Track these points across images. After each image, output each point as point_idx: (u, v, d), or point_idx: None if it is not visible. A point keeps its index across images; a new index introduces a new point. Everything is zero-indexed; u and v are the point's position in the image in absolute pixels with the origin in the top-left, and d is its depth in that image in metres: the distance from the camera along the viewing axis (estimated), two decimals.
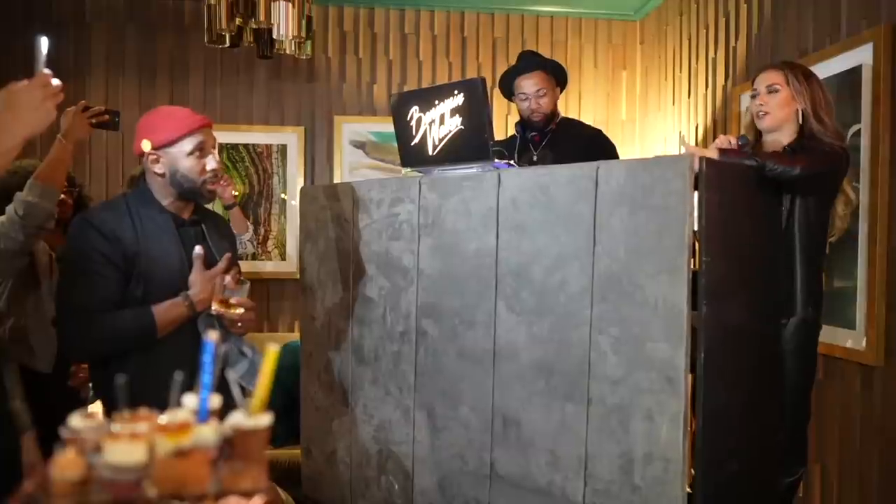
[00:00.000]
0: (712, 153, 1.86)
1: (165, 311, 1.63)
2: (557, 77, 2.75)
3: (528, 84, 2.67)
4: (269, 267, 3.82)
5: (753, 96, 2.05)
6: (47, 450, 1.80)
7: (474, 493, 1.95)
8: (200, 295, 1.65)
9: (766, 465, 1.96)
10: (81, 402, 2.41)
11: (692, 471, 1.69)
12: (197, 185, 1.68)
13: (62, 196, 2.23)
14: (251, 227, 3.47)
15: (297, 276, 3.62)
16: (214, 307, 1.63)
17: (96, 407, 2.60)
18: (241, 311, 1.65)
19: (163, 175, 1.67)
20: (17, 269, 2.15)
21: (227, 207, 3.06)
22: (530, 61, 2.74)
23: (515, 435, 1.85)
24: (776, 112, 1.99)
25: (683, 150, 2.04)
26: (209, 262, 1.72)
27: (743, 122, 2.25)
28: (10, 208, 1.97)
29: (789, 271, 1.94)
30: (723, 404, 1.71)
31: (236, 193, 3.28)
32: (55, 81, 1.28)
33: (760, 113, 2.01)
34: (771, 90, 2.00)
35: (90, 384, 2.40)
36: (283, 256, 3.86)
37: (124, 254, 1.61)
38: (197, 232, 1.76)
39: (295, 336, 3.69)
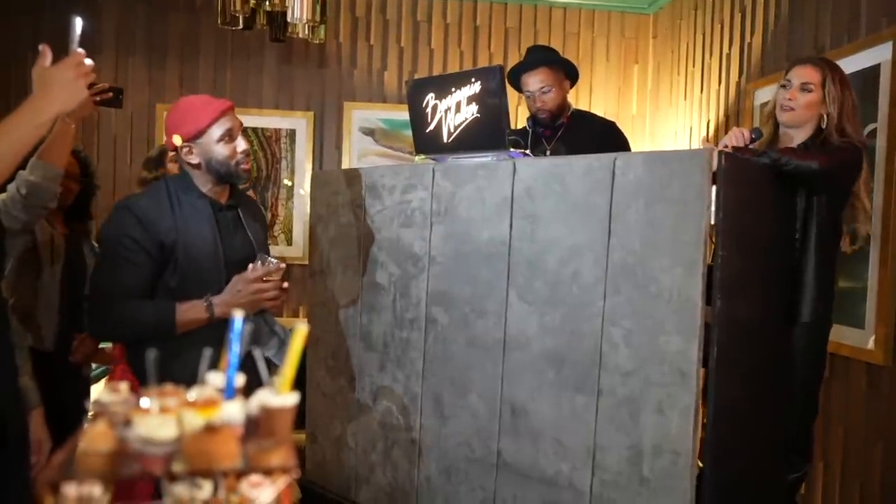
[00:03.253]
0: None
1: (186, 310, 1.65)
2: (566, 70, 2.71)
3: (533, 81, 2.63)
4: (275, 252, 3.81)
5: (784, 86, 2.00)
6: (50, 426, 1.80)
7: (480, 481, 1.95)
8: (228, 297, 1.66)
9: (772, 460, 1.97)
10: (83, 379, 2.41)
11: (700, 464, 1.70)
12: (231, 168, 1.72)
13: (72, 184, 2.22)
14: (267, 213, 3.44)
15: (304, 262, 3.62)
16: None
17: (100, 385, 2.61)
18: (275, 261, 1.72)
19: (198, 165, 1.72)
20: (18, 248, 2.15)
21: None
22: (534, 57, 2.70)
23: (524, 424, 1.85)
24: (802, 111, 1.95)
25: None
26: (247, 245, 1.78)
27: (765, 109, 2.20)
28: (12, 186, 1.96)
29: (803, 270, 1.93)
30: (733, 399, 1.71)
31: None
32: (88, 61, 1.31)
33: (786, 106, 1.97)
34: (804, 88, 1.95)
35: (91, 361, 2.41)
36: (289, 241, 3.86)
37: (160, 241, 1.64)
38: (234, 216, 1.80)
39: (299, 321, 3.70)
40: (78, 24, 1.31)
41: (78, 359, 2.29)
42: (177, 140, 1.70)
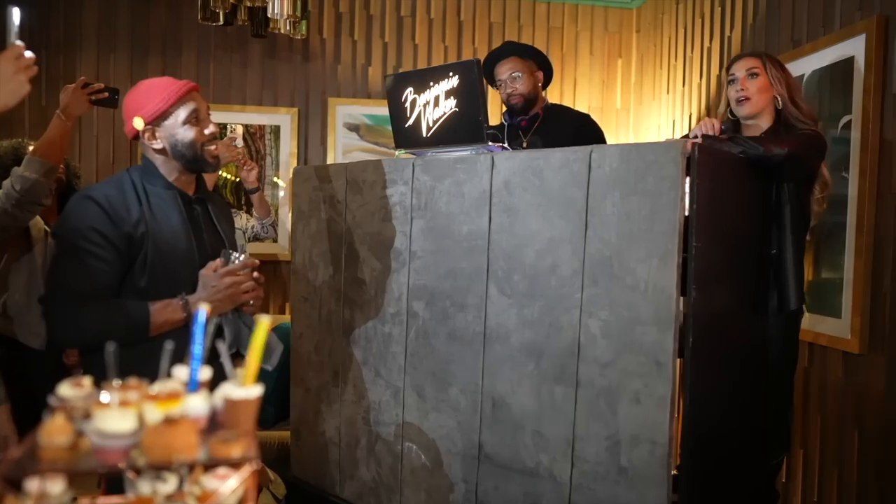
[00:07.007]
0: None
1: (161, 310, 1.52)
2: (537, 61, 2.74)
3: (504, 70, 2.71)
4: (264, 248, 3.80)
5: (731, 82, 2.06)
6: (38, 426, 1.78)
7: (463, 473, 1.96)
8: (205, 295, 1.56)
9: (751, 448, 1.99)
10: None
11: (679, 452, 1.71)
12: (198, 153, 1.60)
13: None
14: (273, 212, 3.40)
15: (289, 258, 3.61)
16: None
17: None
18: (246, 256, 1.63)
19: (163, 150, 1.60)
20: (8, 244, 2.14)
21: (252, 192, 3.04)
22: (505, 47, 2.77)
23: (504, 417, 1.86)
24: (756, 97, 2.02)
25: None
26: (218, 242, 1.68)
27: (719, 112, 2.26)
28: (6, 183, 1.96)
29: (784, 261, 1.96)
30: (710, 388, 1.73)
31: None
32: (28, 54, 1.25)
33: (741, 98, 2.03)
34: (751, 73, 2.02)
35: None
36: (274, 238, 3.84)
37: (128, 235, 1.51)
38: (203, 210, 1.69)
39: (285, 318, 3.69)
40: (16, 14, 1.23)
41: (72, 361, 2.29)
42: (138, 123, 1.57)
